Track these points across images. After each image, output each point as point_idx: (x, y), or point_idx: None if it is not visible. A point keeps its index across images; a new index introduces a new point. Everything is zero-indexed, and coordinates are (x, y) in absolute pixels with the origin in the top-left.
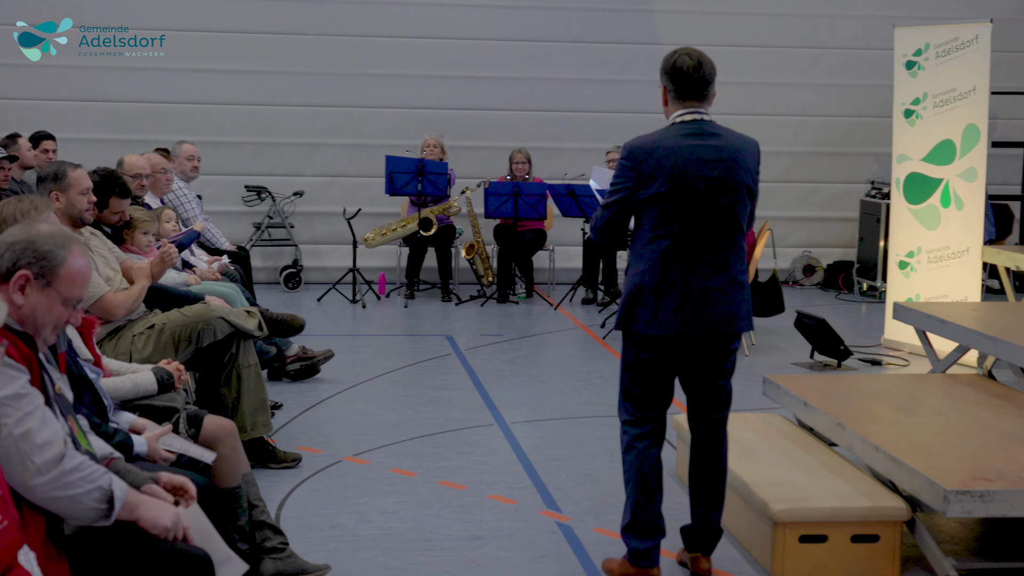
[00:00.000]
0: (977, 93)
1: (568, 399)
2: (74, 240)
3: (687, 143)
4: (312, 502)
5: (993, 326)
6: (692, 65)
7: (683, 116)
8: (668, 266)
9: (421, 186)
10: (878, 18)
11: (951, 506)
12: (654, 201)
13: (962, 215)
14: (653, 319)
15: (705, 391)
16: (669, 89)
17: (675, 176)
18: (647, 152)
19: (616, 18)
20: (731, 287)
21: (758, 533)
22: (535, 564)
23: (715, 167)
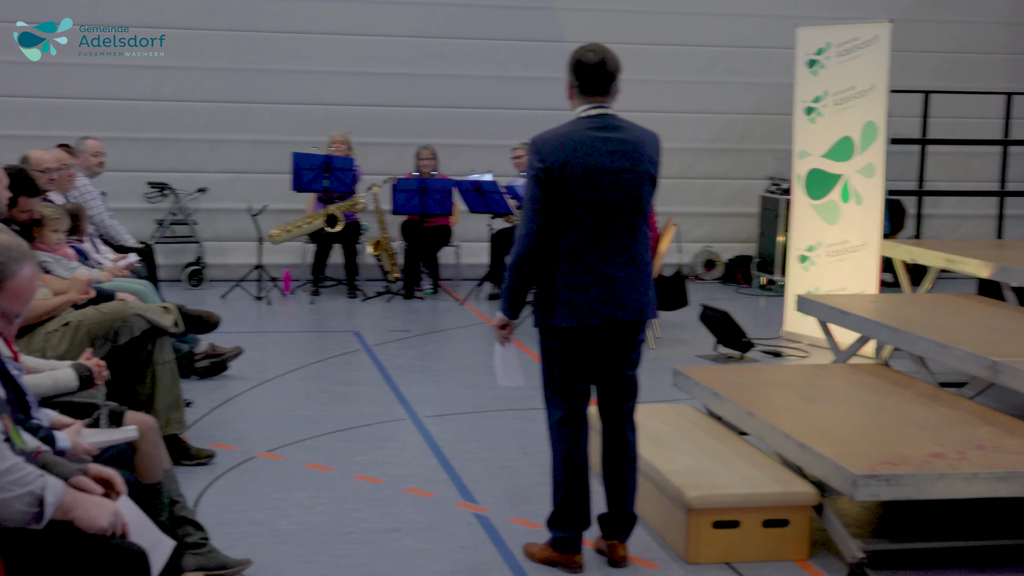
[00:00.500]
0: (876, 91)
1: (479, 393)
2: (29, 257)
3: (593, 135)
4: (228, 498)
5: (893, 317)
6: (596, 61)
7: (588, 111)
8: (581, 258)
9: (328, 182)
10: (779, 17)
11: (859, 490)
12: (565, 194)
13: (861, 210)
14: (572, 311)
15: (616, 381)
16: (574, 84)
17: (584, 169)
18: (555, 145)
19: (521, 15)
20: (640, 276)
21: (672, 520)
22: (454, 555)
23: (621, 159)
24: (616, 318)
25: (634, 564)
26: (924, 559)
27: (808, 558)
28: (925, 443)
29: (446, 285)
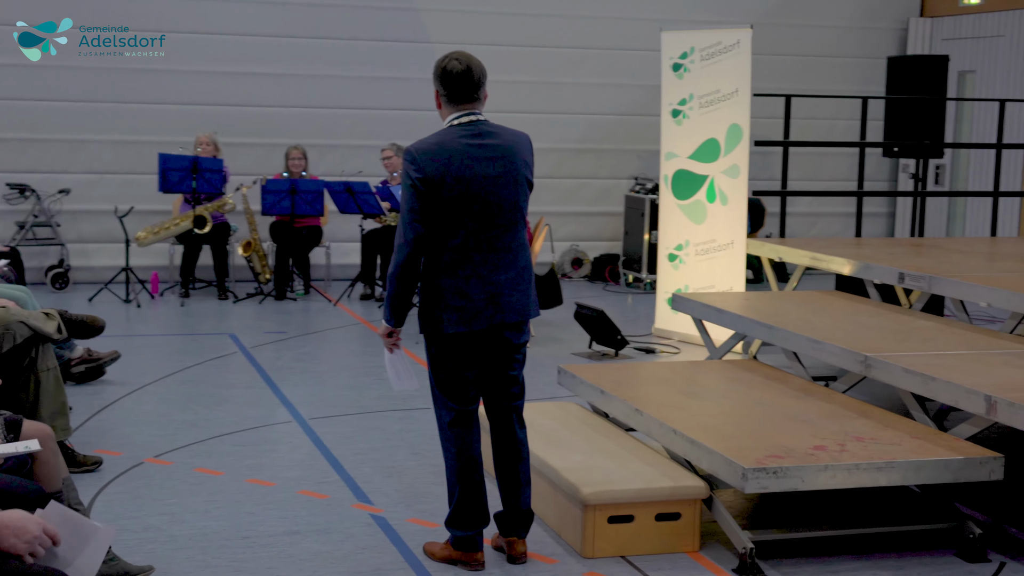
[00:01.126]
0: (740, 94)
1: (362, 394)
2: None
3: (467, 143)
4: (120, 505)
5: (766, 314)
6: (461, 70)
7: (459, 118)
8: (463, 264)
9: (196, 184)
10: (642, 20)
11: (749, 482)
12: (443, 202)
13: (727, 210)
14: (457, 317)
15: (503, 382)
16: (442, 93)
17: (461, 177)
18: (431, 154)
19: (389, 17)
20: (522, 278)
21: (568, 516)
22: (356, 555)
23: (496, 164)
24: (500, 321)
25: (532, 560)
26: (809, 547)
27: (699, 549)
28: (806, 436)
29: (317, 286)
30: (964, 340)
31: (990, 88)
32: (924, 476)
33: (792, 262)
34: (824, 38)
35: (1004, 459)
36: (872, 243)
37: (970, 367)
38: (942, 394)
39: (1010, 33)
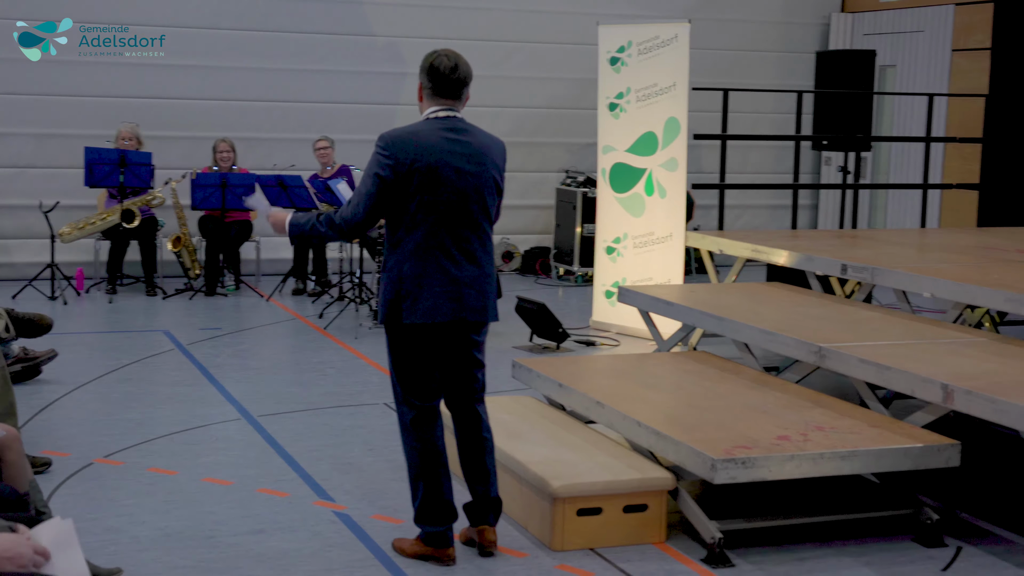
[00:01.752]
0: (677, 88)
1: (308, 390)
2: None
3: (442, 136)
4: (76, 506)
5: (715, 306)
6: (450, 66)
7: (437, 112)
8: (427, 256)
9: (123, 177)
10: (578, 15)
11: (718, 473)
12: (412, 193)
13: (665, 203)
14: (419, 308)
15: (466, 376)
16: (426, 86)
17: (433, 168)
18: (405, 143)
19: (319, 8)
20: (484, 277)
21: (536, 510)
22: (324, 553)
23: (469, 161)
24: (461, 316)
25: (502, 554)
26: (774, 536)
27: (665, 540)
28: (769, 426)
29: (248, 281)
30: (911, 330)
31: (910, 82)
32: (885, 464)
33: (733, 254)
34: (749, 33)
35: (960, 446)
36: (809, 235)
37: (922, 356)
38: (898, 383)
39: (929, 28)
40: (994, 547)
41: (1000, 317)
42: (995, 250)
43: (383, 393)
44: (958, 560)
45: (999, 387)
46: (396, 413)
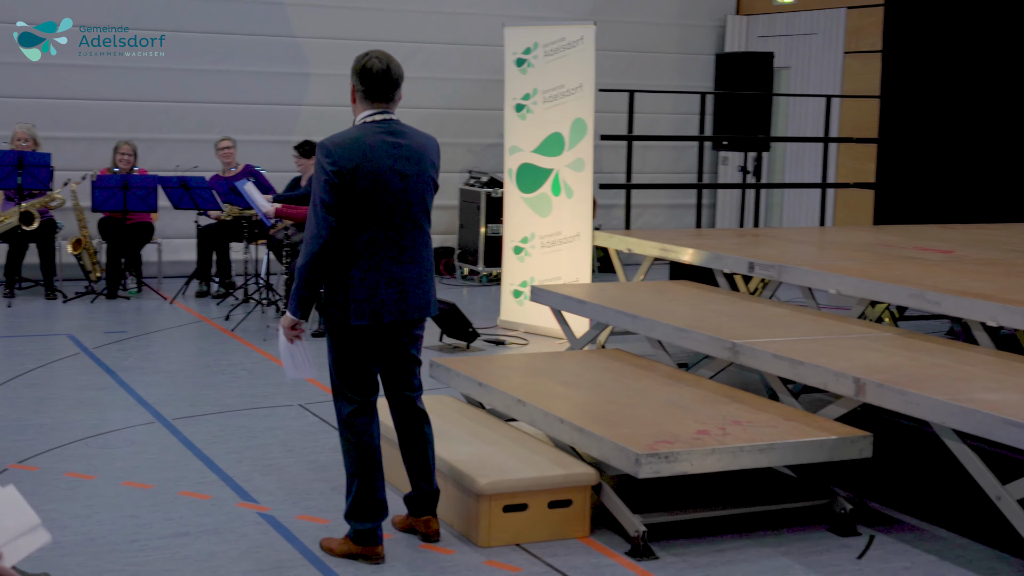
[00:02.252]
0: (584, 89)
1: (221, 392)
2: None
3: (381, 140)
4: None
5: (628, 304)
6: (381, 69)
7: (373, 116)
8: (372, 258)
9: (21, 179)
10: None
11: (642, 467)
12: (357, 197)
13: (572, 203)
14: (366, 310)
15: (406, 372)
16: (359, 89)
17: (374, 172)
18: (347, 150)
19: (221, 6)
20: (426, 274)
21: (462, 507)
22: (253, 555)
23: (407, 163)
24: (406, 315)
25: (429, 551)
26: (694, 528)
27: (589, 535)
28: (688, 421)
29: (150, 284)
30: (820, 326)
31: (804, 84)
32: (802, 456)
33: (641, 253)
34: (648, 35)
35: (872, 437)
36: (712, 234)
37: (833, 351)
38: (811, 377)
39: (822, 31)
40: (905, 534)
41: (900, 312)
42: (893, 247)
43: (296, 395)
44: (872, 548)
45: (908, 379)
46: (336, 413)
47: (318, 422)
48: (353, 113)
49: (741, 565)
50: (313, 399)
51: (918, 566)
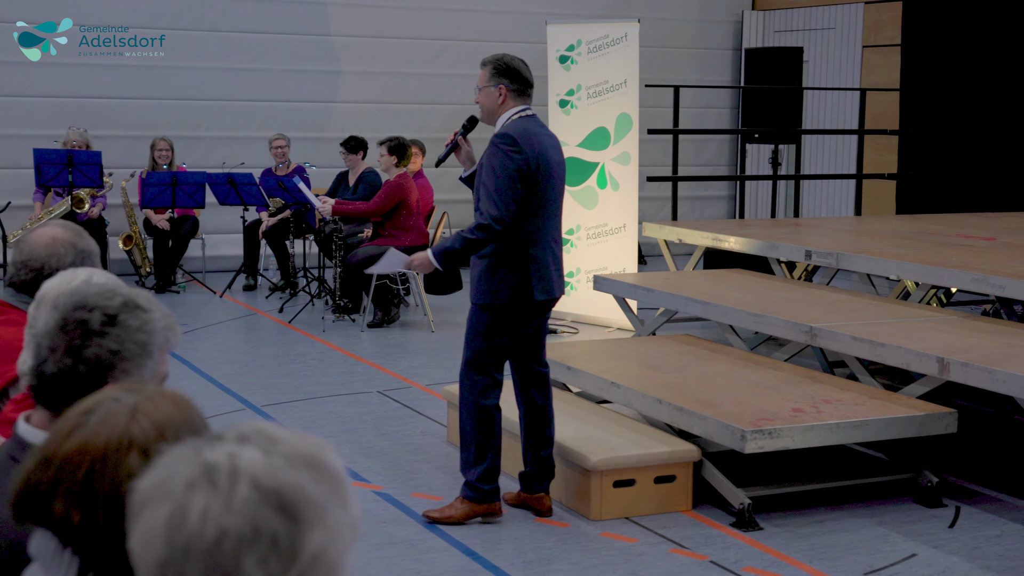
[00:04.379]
0: (628, 85)
1: (299, 380)
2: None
3: (543, 132)
4: None
5: (696, 292)
6: (526, 68)
7: (525, 111)
8: (543, 237)
9: (72, 177)
10: (521, 14)
11: (748, 443)
12: (533, 184)
13: (618, 195)
14: (543, 286)
15: (540, 347)
16: (510, 88)
17: (546, 161)
18: (526, 140)
19: (254, 7)
20: (563, 256)
21: (572, 483)
22: (380, 530)
23: (558, 152)
24: (562, 291)
25: (546, 525)
26: (790, 501)
27: (692, 508)
28: (779, 400)
29: (196, 278)
30: (886, 310)
31: (822, 78)
32: (893, 431)
33: (693, 243)
34: (666, 31)
35: (957, 414)
36: (757, 223)
37: (907, 333)
38: (892, 358)
39: (840, 26)
40: (988, 505)
41: (947, 297)
42: (937, 235)
43: (373, 382)
44: (959, 518)
45: (988, 359)
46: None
47: (400, 407)
48: (492, 113)
49: (842, 535)
50: (390, 386)
51: (1008, 534)
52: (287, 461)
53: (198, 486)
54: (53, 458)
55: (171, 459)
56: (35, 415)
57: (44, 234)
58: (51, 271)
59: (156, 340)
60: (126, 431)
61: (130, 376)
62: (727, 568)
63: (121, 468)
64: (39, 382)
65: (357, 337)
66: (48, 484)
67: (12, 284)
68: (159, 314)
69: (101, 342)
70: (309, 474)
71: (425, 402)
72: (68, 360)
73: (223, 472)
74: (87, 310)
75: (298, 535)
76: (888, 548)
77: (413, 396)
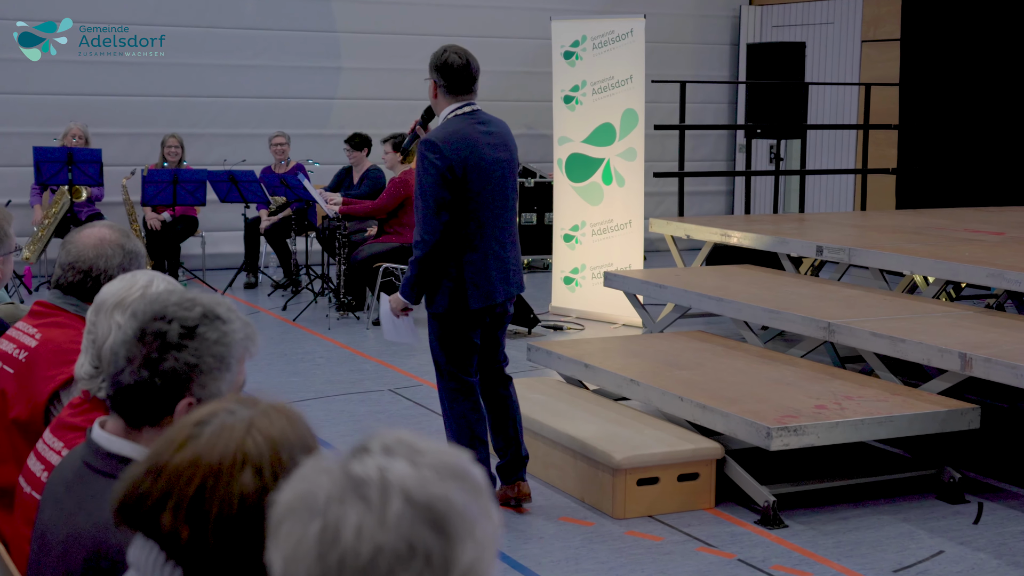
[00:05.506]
0: (634, 81)
1: (308, 379)
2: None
3: (479, 130)
4: None
5: (709, 288)
6: (461, 63)
7: (461, 108)
8: (481, 242)
9: (72, 175)
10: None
11: (773, 440)
12: (464, 188)
13: (623, 191)
14: (480, 294)
15: (496, 347)
16: (441, 84)
17: (479, 162)
18: (453, 143)
19: (254, 3)
20: (519, 255)
21: (594, 482)
22: None
23: (499, 150)
24: (510, 294)
25: (569, 524)
26: (812, 498)
27: (715, 506)
28: (800, 397)
29: (197, 276)
30: (901, 306)
31: (821, 72)
32: (917, 427)
33: (701, 239)
34: (663, 26)
35: (980, 410)
36: (763, 219)
37: (926, 328)
38: (913, 353)
39: (839, 20)
40: (1011, 501)
41: (956, 292)
42: (945, 230)
43: (383, 380)
44: (983, 514)
45: (1012, 354)
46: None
47: (413, 405)
48: (435, 108)
49: (867, 532)
50: (402, 384)
51: None
52: (436, 473)
53: (348, 501)
54: (163, 469)
55: (313, 472)
56: (109, 422)
57: (91, 235)
58: (99, 272)
59: (235, 352)
60: (241, 446)
61: (207, 389)
62: (756, 566)
63: (234, 485)
64: (115, 391)
65: (363, 334)
66: (157, 496)
67: (59, 286)
68: (238, 324)
69: (178, 355)
70: (456, 485)
71: (437, 400)
72: (145, 372)
73: (374, 486)
74: (166, 321)
75: (450, 550)
76: (915, 545)
77: (425, 394)
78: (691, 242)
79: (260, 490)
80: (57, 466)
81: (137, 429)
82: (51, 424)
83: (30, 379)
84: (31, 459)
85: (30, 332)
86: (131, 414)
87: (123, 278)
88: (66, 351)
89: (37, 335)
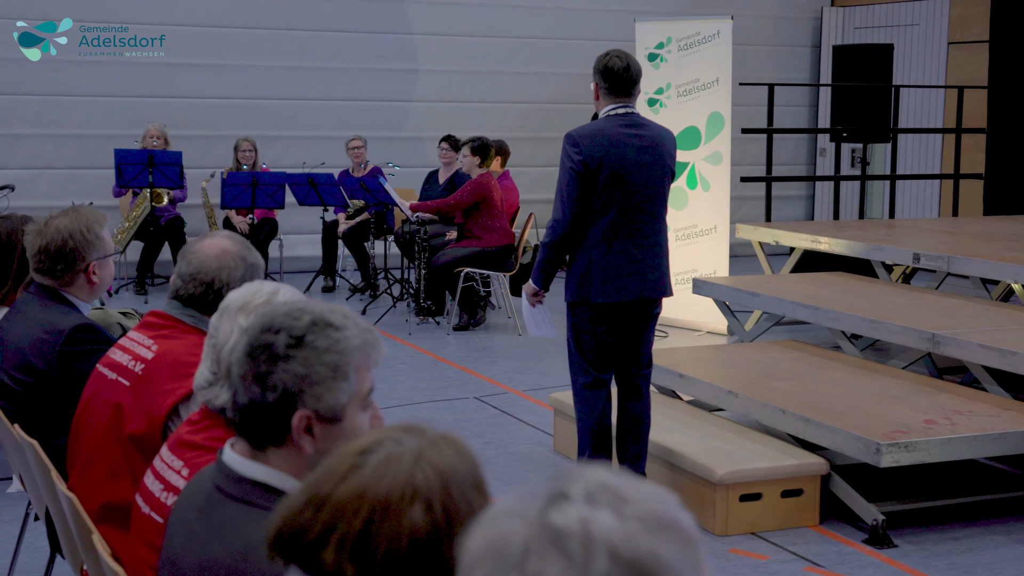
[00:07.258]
0: (720, 84)
1: (392, 386)
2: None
3: (624, 131)
4: None
5: (803, 297)
6: (622, 67)
7: (616, 109)
8: (612, 240)
9: (152, 178)
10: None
11: (883, 457)
12: (599, 183)
13: (709, 196)
14: (606, 289)
15: (636, 351)
16: (602, 86)
17: (617, 161)
18: (592, 139)
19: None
20: (661, 258)
21: (694, 496)
22: None
23: (647, 153)
24: (642, 295)
25: None
26: (921, 517)
27: (820, 523)
28: (908, 411)
29: (274, 279)
30: (1005, 316)
31: (906, 74)
32: None
33: (790, 245)
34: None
35: None
36: (851, 225)
37: None
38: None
39: (924, 21)
40: None
41: None
42: None
43: (467, 387)
44: None
45: None
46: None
47: (499, 414)
48: (596, 109)
49: (981, 553)
50: (487, 391)
51: None
52: (643, 526)
53: (548, 556)
54: (326, 501)
55: (505, 517)
56: (238, 444)
57: (213, 246)
58: (221, 285)
59: (351, 360)
60: (410, 479)
61: (322, 401)
62: None
63: (403, 521)
64: (236, 413)
65: (443, 340)
66: (320, 530)
67: (179, 297)
68: (355, 331)
69: (287, 367)
70: (666, 539)
71: (524, 409)
72: (256, 388)
73: (576, 540)
74: (273, 332)
75: None
76: None
77: (511, 402)
78: (773, 247)
79: (430, 528)
80: (184, 489)
81: (262, 451)
82: (168, 441)
83: (147, 392)
84: (148, 477)
85: (145, 343)
86: (252, 435)
87: (249, 285)
88: (184, 364)
89: (153, 347)
